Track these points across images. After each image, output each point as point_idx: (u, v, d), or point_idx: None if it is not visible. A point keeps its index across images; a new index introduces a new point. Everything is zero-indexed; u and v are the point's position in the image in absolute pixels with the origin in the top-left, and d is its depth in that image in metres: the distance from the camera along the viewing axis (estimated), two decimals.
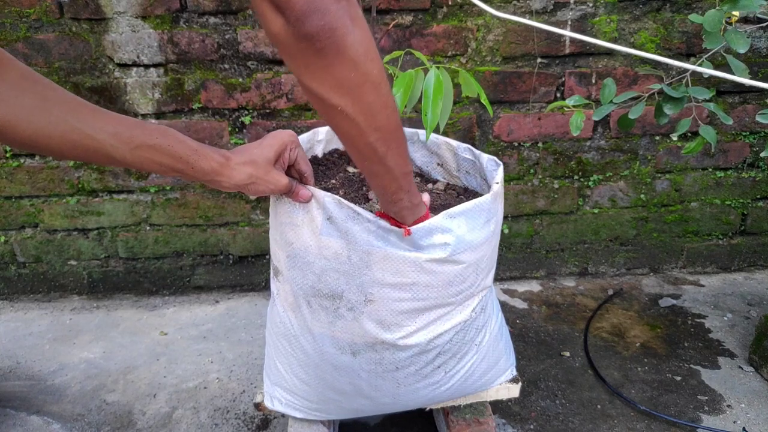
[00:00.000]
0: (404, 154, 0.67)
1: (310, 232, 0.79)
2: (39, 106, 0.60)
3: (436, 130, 0.96)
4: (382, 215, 0.76)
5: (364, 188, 0.94)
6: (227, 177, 0.70)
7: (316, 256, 0.79)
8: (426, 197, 0.80)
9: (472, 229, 0.79)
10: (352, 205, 0.76)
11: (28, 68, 0.61)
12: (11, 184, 1.57)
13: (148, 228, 1.64)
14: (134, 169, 0.71)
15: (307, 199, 0.77)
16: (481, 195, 0.85)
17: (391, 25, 1.32)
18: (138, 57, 1.45)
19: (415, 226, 0.76)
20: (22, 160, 1.55)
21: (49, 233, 1.64)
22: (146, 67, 1.46)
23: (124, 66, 1.46)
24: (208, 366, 1.38)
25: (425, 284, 0.79)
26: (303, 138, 0.99)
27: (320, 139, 1.04)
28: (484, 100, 0.90)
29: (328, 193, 0.77)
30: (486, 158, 0.93)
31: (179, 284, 1.71)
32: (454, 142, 1.00)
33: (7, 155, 1.54)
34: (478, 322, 0.88)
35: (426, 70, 0.87)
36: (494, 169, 0.90)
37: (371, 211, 0.77)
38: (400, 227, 0.76)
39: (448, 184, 1.04)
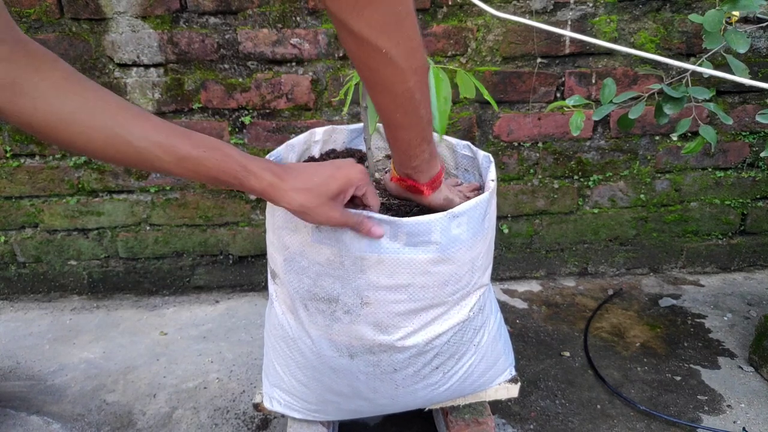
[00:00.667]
0: (430, 99, 0.66)
1: (304, 237, 0.78)
2: (81, 108, 0.58)
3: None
4: (398, 179, 0.74)
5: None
6: (277, 199, 0.66)
7: (311, 261, 0.79)
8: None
9: (468, 228, 0.79)
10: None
11: (73, 69, 0.60)
12: (11, 184, 1.57)
13: (148, 228, 1.64)
14: (181, 177, 0.67)
15: (380, 235, 0.73)
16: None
17: None
18: (138, 57, 1.45)
19: (414, 222, 0.74)
20: (22, 160, 1.55)
21: (49, 233, 1.64)
22: (146, 67, 1.46)
23: (124, 66, 1.46)
24: (208, 366, 1.38)
25: (421, 285, 0.79)
26: (300, 139, 0.99)
27: (317, 139, 1.04)
28: (485, 94, 0.90)
29: None
30: (482, 155, 0.93)
31: (179, 284, 1.71)
32: (453, 140, 1.00)
33: (7, 155, 1.54)
34: (476, 322, 0.88)
35: None
36: (488, 166, 0.90)
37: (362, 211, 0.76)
38: (417, 188, 0.74)
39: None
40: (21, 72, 0.56)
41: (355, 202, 0.76)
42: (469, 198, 0.95)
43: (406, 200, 0.88)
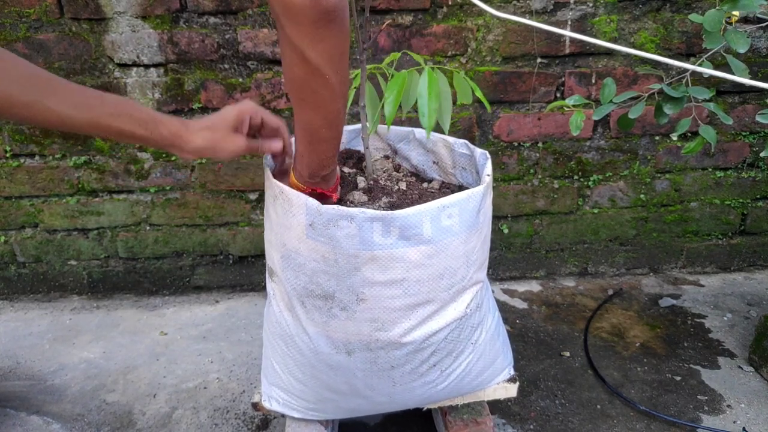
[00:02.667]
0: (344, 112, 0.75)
1: (299, 234, 0.79)
2: (5, 78, 0.63)
3: (441, 131, 0.96)
4: (303, 188, 0.81)
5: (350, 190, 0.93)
6: (186, 141, 0.74)
7: (307, 258, 0.79)
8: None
9: (463, 220, 0.79)
10: (332, 207, 0.75)
11: None
12: (11, 184, 1.57)
13: (148, 228, 1.64)
14: (97, 136, 0.76)
15: (278, 149, 0.84)
16: None
17: (385, 25, 1.31)
18: (138, 57, 1.45)
19: (405, 215, 0.75)
20: (22, 160, 1.55)
21: (49, 233, 1.64)
22: (146, 67, 1.46)
23: (124, 66, 1.46)
24: (207, 366, 1.38)
25: (416, 279, 0.79)
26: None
27: None
28: (480, 95, 0.90)
29: (310, 198, 0.76)
30: (479, 152, 0.94)
31: (179, 284, 1.71)
32: (451, 139, 1.00)
33: (7, 155, 1.54)
34: (473, 320, 0.88)
35: (420, 70, 0.87)
36: (484, 162, 0.90)
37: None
38: (324, 195, 0.82)
39: (443, 182, 1.04)
40: None
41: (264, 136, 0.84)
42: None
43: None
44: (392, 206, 0.88)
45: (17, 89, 0.64)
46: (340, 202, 0.90)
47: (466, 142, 0.98)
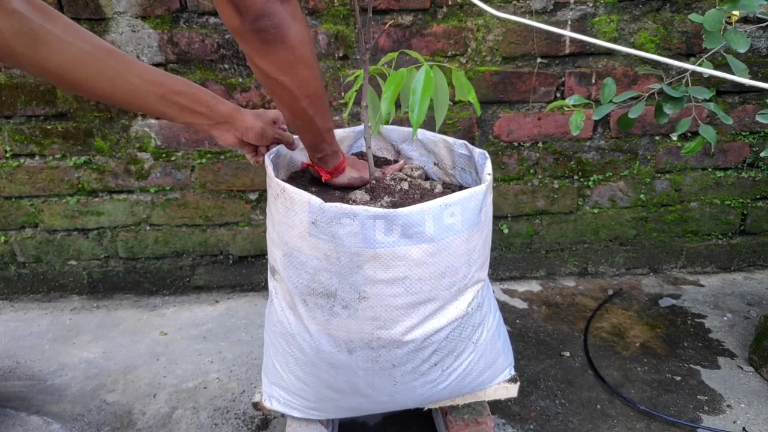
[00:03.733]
0: (327, 115, 0.83)
1: (302, 232, 0.79)
2: (87, 53, 0.70)
3: (432, 128, 0.96)
4: (308, 165, 0.94)
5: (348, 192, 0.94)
6: (241, 119, 0.86)
7: (309, 257, 0.79)
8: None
9: (464, 219, 0.79)
10: (335, 204, 0.75)
11: (68, 18, 0.70)
12: (11, 184, 1.57)
13: (148, 228, 1.64)
14: (155, 115, 0.87)
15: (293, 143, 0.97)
16: None
17: (387, 25, 1.31)
18: (138, 57, 1.45)
19: (408, 213, 0.75)
20: (22, 160, 1.55)
21: (49, 233, 1.64)
22: None
23: None
24: (207, 366, 1.38)
25: (418, 277, 0.79)
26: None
27: None
28: (473, 99, 0.90)
29: (313, 196, 0.76)
30: (477, 152, 0.94)
31: (179, 284, 1.71)
32: (451, 139, 1.00)
33: (7, 155, 1.54)
34: (474, 319, 0.88)
35: (419, 68, 0.87)
36: (484, 162, 0.90)
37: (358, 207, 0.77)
38: (319, 173, 0.92)
39: (444, 182, 1.04)
40: (35, 21, 0.65)
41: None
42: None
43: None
44: (394, 205, 0.88)
45: (105, 66, 0.72)
46: (343, 200, 0.90)
47: (465, 142, 0.98)
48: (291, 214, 0.79)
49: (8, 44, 0.65)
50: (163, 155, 1.56)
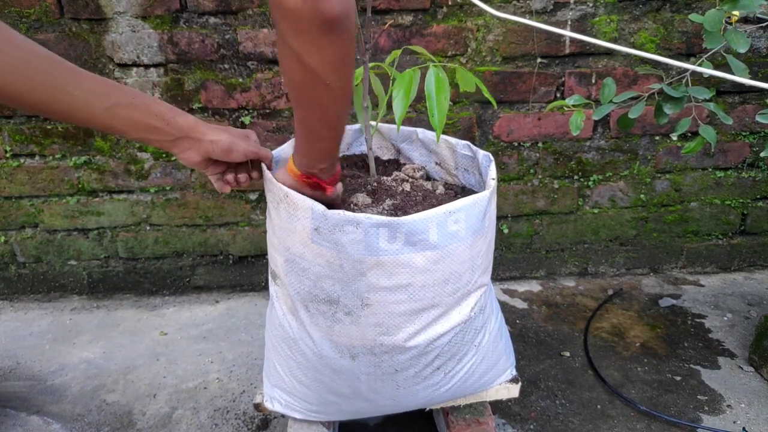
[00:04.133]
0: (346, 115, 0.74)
1: (304, 239, 0.78)
2: (25, 60, 0.62)
3: (432, 128, 0.96)
4: (301, 176, 0.79)
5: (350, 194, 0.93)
6: (203, 132, 0.75)
7: (311, 263, 0.79)
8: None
9: (468, 225, 0.79)
10: (338, 212, 0.74)
11: (3, 24, 0.63)
12: (11, 184, 1.57)
13: (148, 228, 1.64)
14: (106, 131, 0.77)
15: (269, 158, 0.87)
16: (477, 192, 0.84)
17: (387, 25, 1.31)
18: (138, 57, 1.45)
19: (411, 221, 0.74)
20: (22, 160, 1.55)
21: (49, 233, 1.64)
22: (146, 67, 1.46)
23: (124, 66, 1.46)
24: (208, 366, 1.38)
25: (421, 284, 0.78)
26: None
27: None
28: (485, 91, 0.90)
29: (316, 203, 0.76)
30: (482, 154, 0.93)
31: (179, 284, 1.71)
32: (453, 140, 1.00)
33: (7, 155, 1.54)
34: (477, 323, 0.88)
35: (423, 69, 0.86)
36: (488, 165, 0.90)
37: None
38: (320, 185, 0.80)
39: (446, 183, 1.04)
40: None
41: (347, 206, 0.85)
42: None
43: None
44: (396, 208, 0.88)
45: (42, 76, 0.63)
46: (344, 204, 0.89)
47: (469, 143, 0.98)
48: (293, 220, 0.78)
49: None
50: (163, 155, 1.55)
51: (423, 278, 0.78)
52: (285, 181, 0.81)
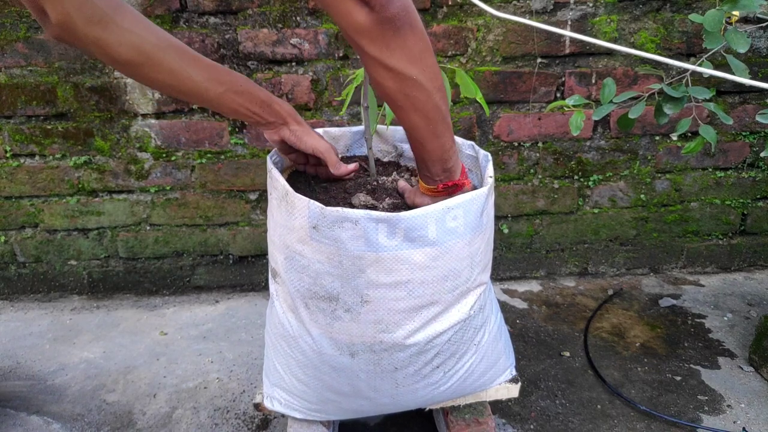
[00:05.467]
0: (448, 116, 0.76)
1: (303, 236, 0.78)
2: (154, 45, 0.71)
3: None
4: (434, 191, 0.81)
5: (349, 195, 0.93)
6: (288, 121, 0.86)
7: (311, 260, 0.79)
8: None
9: (467, 222, 0.79)
10: (335, 209, 0.74)
11: (138, 12, 0.72)
12: (11, 184, 1.57)
13: (148, 228, 1.64)
14: (211, 108, 0.92)
15: (349, 171, 0.92)
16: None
17: None
18: None
19: (410, 217, 0.74)
20: (22, 160, 1.55)
21: (49, 233, 1.64)
22: None
23: None
24: (208, 366, 1.38)
25: (420, 281, 0.79)
26: None
27: None
28: (480, 99, 0.90)
29: (312, 201, 0.76)
30: (482, 154, 0.94)
31: (179, 284, 1.71)
32: (459, 140, 1.00)
33: (7, 155, 1.54)
34: (476, 321, 0.88)
35: None
36: (486, 164, 0.90)
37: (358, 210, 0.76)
38: (456, 185, 0.81)
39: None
40: (106, 11, 0.67)
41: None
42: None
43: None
44: (396, 207, 0.88)
45: (171, 59, 0.73)
46: (344, 202, 0.90)
47: (473, 143, 0.98)
48: (292, 218, 0.78)
49: (72, 22, 0.66)
50: (163, 155, 1.56)
51: (422, 275, 0.78)
52: (425, 202, 0.83)
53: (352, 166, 0.92)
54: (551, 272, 1.76)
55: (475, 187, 1.01)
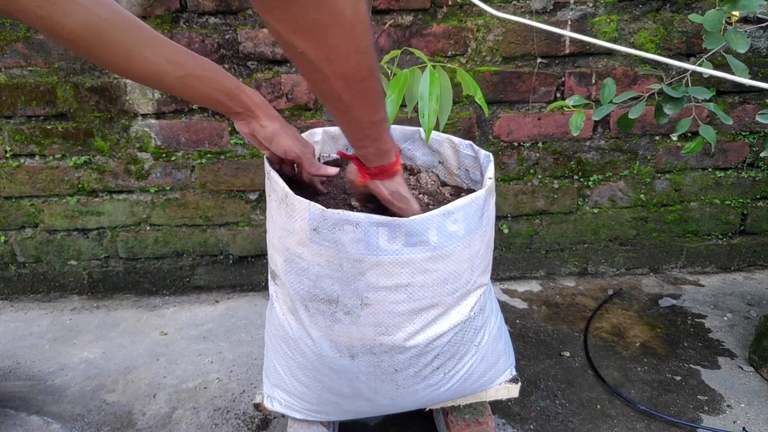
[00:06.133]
0: (374, 102, 0.63)
1: (303, 239, 0.78)
2: (107, 23, 0.64)
3: (437, 128, 0.96)
4: (345, 155, 0.78)
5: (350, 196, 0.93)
6: (258, 117, 0.78)
7: (310, 263, 0.79)
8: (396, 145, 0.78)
9: (467, 225, 0.79)
10: (337, 211, 0.74)
11: None
12: (11, 184, 1.57)
13: (148, 228, 1.64)
14: (174, 94, 0.83)
15: (332, 174, 0.86)
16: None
17: (387, 25, 1.32)
18: None
19: (411, 222, 0.74)
20: (22, 160, 1.55)
21: (49, 233, 1.64)
22: None
23: None
24: (207, 366, 1.38)
25: (420, 284, 0.78)
26: None
27: (317, 140, 1.04)
28: (479, 99, 0.90)
29: (313, 203, 0.75)
30: (483, 154, 0.94)
31: (179, 284, 1.71)
32: (456, 139, 1.00)
33: (7, 155, 1.54)
34: (476, 323, 0.88)
35: (423, 69, 0.87)
36: (487, 164, 0.90)
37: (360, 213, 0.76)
38: (364, 172, 0.76)
39: (445, 183, 1.04)
40: None
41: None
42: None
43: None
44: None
45: (123, 35, 0.65)
46: (345, 204, 0.90)
47: (471, 143, 0.98)
48: (292, 220, 0.78)
49: None
50: (163, 155, 1.56)
51: (422, 278, 0.78)
52: (353, 171, 0.82)
53: (331, 170, 0.87)
54: (551, 272, 1.76)
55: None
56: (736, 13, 0.95)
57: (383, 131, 0.69)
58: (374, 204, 0.86)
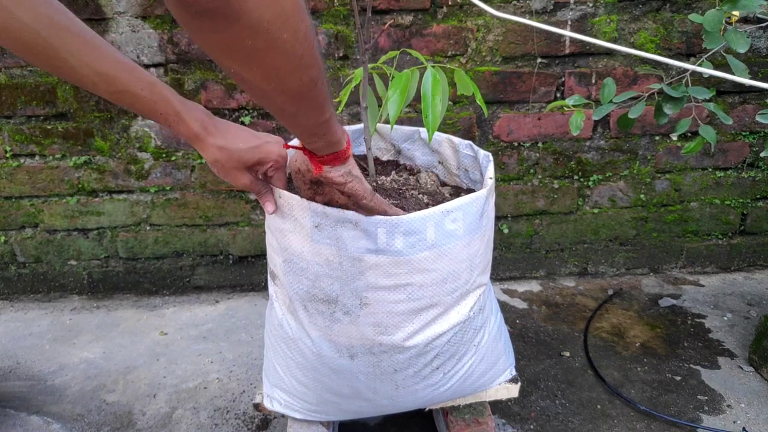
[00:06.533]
0: (319, 107, 0.60)
1: (303, 238, 0.78)
2: (27, 24, 0.57)
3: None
4: (293, 146, 0.73)
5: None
6: (198, 148, 0.71)
7: (310, 263, 0.79)
8: (345, 129, 0.74)
9: (466, 224, 0.79)
10: (337, 210, 0.75)
11: None
12: (11, 184, 1.57)
13: (148, 228, 1.64)
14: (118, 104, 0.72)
15: (271, 211, 0.80)
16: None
17: (387, 25, 1.32)
18: (138, 57, 1.45)
19: (409, 220, 0.74)
20: (22, 160, 1.55)
21: (49, 233, 1.64)
22: (146, 67, 1.46)
23: None
24: (208, 366, 1.38)
25: (420, 283, 0.79)
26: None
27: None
28: (479, 100, 0.90)
29: (313, 203, 0.76)
30: (482, 154, 0.94)
31: (179, 284, 1.71)
32: (456, 139, 1.00)
33: (7, 155, 1.54)
34: (476, 323, 0.88)
35: (422, 70, 0.87)
36: (486, 165, 0.90)
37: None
38: (316, 163, 0.71)
39: (444, 183, 1.04)
40: None
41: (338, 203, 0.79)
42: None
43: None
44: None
45: (55, 42, 0.59)
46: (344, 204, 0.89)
47: (471, 143, 0.98)
48: (291, 219, 0.79)
49: None
50: (163, 155, 1.56)
51: (421, 278, 0.78)
52: (298, 160, 0.76)
53: (270, 207, 0.80)
54: (551, 272, 1.76)
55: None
56: (736, 13, 0.95)
57: (332, 125, 0.65)
58: (323, 196, 0.81)
